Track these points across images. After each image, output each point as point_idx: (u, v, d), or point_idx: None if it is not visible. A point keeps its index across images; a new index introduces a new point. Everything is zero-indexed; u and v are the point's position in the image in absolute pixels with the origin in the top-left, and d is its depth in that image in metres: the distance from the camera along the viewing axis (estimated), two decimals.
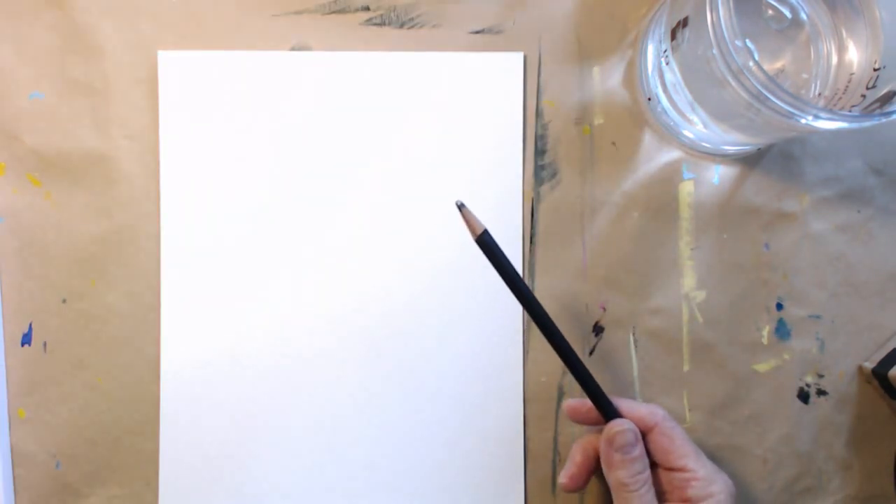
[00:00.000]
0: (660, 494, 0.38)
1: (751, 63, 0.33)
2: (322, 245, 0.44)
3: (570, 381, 0.45)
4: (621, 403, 0.39)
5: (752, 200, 0.45)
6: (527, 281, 0.45)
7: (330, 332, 0.44)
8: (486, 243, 0.37)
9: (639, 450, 0.38)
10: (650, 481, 0.37)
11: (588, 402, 0.39)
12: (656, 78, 0.42)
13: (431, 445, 0.44)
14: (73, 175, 0.44)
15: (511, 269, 0.37)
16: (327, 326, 0.44)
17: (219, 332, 0.44)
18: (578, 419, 0.40)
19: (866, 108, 0.37)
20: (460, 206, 0.37)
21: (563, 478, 0.40)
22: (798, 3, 0.41)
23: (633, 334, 0.45)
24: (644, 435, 0.39)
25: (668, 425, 0.38)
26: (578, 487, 0.40)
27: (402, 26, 0.44)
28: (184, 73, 0.44)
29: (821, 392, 0.45)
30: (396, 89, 0.44)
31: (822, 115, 0.33)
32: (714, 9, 0.34)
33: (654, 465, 0.39)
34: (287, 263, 0.44)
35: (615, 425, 0.38)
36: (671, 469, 0.38)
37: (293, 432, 0.44)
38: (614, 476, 0.37)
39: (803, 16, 0.41)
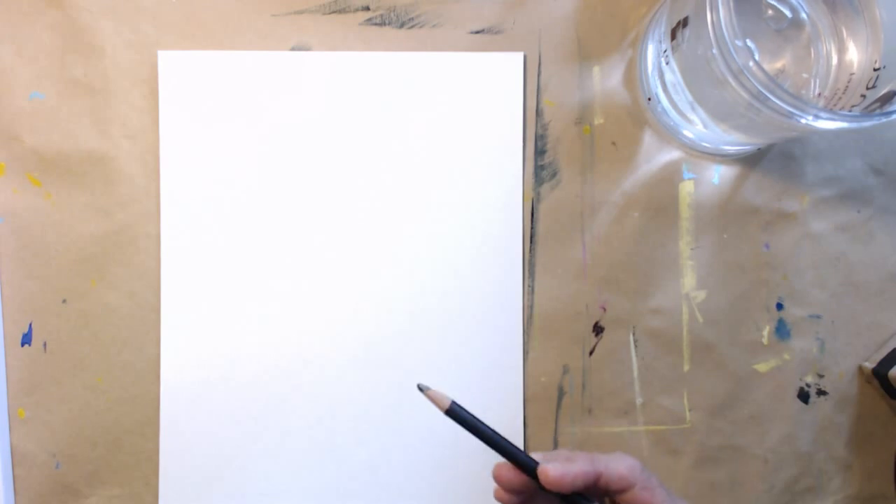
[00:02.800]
0: None
1: (751, 63, 0.33)
2: (321, 245, 0.44)
3: (571, 381, 0.45)
4: (598, 462, 0.35)
5: (752, 200, 0.45)
6: (526, 281, 0.45)
7: (329, 332, 0.44)
8: (456, 414, 0.35)
9: None
10: None
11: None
12: (656, 78, 0.42)
13: (431, 446, 0.44)
14: (73, 175, 0.44)
15: (488, 430, 0.35)
16: (327, 326, 0.44)
17: (218, 333, 0.44)
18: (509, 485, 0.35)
19: (866, 108, 0.37)
20: (422, 390, 0.35)
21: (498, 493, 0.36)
22: (798, 3, 0.41)
23: (633, 334, 0.45)
24: (622, 491, 0.35)
25: (646, 476, 0.35)
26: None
27: (402, 26, 0.44)
28: (184, 73, 0.44)
29: (821, 392, 0.45)
30: (396, 89, 0.44)
31: (822, 115, 0.33)
32: (714, 9, 0.34)
33: None
34: (286, 263, 0.44)
35: None
36: None
37: (292, 432, 0.44)
38: None
39: (803, 16, 0.41)
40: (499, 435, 0.35)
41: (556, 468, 0.34)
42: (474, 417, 0.35)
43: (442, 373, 0.44)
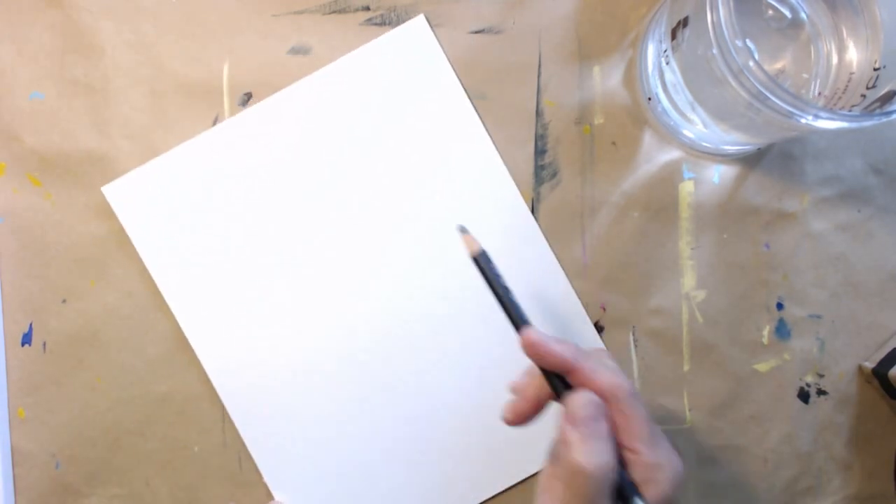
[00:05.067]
0: None
1: (751, 63, 0.33)
2: (324, 264, 0.45)
3: None
4: (581, 361, 0.34)
5: (752, 200, 0.45)
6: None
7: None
8: (479, 263, 0.36)
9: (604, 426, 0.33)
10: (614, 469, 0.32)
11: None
12: (656, 78, 0.42)
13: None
14: (73, 175, 0.44)
15: (501, 289, 0.36)
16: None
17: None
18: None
19: (866, 107, 0.37)
20: (462, 231, 0.37)
21: (508, 413, 0.35)
22: (798, 3, 0.41)
23: (633, 334, 0.45)
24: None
25: (630, 403, 0.33)
26: (523, 424, 0.35)
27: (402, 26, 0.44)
28: (135, 192, 0.44)
29: (821, 392, 0.45)
30: (333, 108, 0.44)
31: (822, 114, 0.33)
32: (714, 9, 0.34)
33: None
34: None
35: (577, 399, 0.33)
36: (621, 446, 0.33)
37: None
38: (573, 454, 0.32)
39: (803, 16, 0.41)
40: (509, 297, 0.35)
41: (537, 337, 0.34)
42: (495, 274, 0.36)
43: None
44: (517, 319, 0.35)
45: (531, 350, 0.34)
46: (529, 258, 0.44)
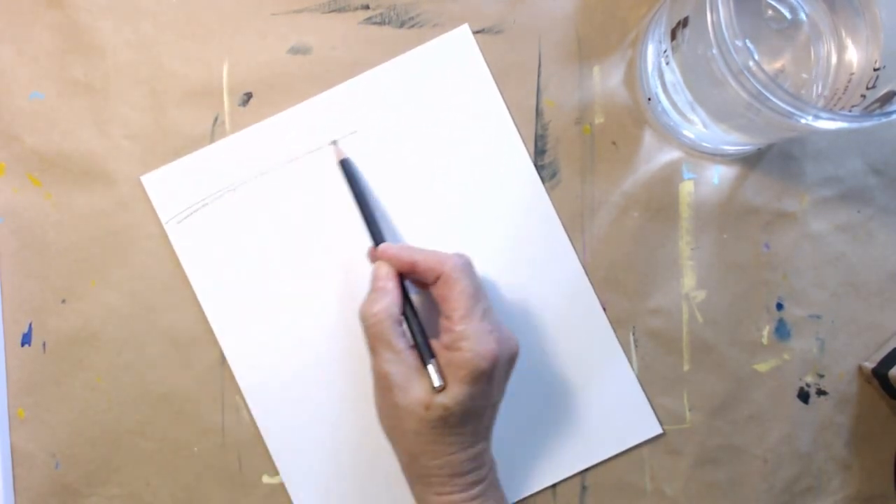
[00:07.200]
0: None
1: (751, 63, 0.33)
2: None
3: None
4: (419, 253, 0.39)
5: (752, 200, 0.45)
6: None
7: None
8: (346, 168, 0.43)
9: (382, 282, 0.40)
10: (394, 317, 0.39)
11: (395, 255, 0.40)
12: (656, 78, 0.42)
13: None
14: (73, 175, 0.44)
15: (365, 196, 0.43)
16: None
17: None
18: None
19: (866, 108, 0.37)
20: (333, 142, 0.44)
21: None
22: (798, 3, 0.41)
23: (633, 334, 0.45)
24: (433, 282, 0.39)
25: (453, 278, 0.38)
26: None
27: (401, 25, 0.44)
28: (171, 184, 0.44)
29: (821, 392, 0.45)
30: (365, 115, 0.44)
31: (822, 115, 0.33)
32: (714, 9, 0.34)
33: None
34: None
35: (374, 268, 0.41)
36: (442, 314, 0.39)
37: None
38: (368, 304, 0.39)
39: (803, 16, 0.41)
40: (369, 207, 0.42)
41: (388, 246, 0.40)
42: (358, 181, 0.43)
43: None
44: (375, 235, 0.42)
45: (380, 256, 0.40)
46: (555, 266, 0.45)
